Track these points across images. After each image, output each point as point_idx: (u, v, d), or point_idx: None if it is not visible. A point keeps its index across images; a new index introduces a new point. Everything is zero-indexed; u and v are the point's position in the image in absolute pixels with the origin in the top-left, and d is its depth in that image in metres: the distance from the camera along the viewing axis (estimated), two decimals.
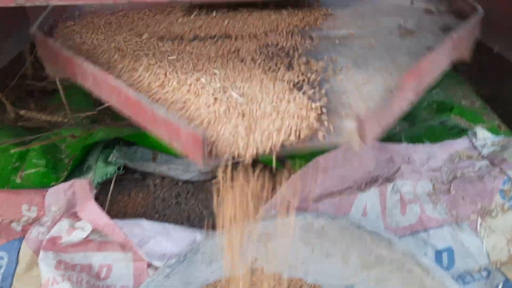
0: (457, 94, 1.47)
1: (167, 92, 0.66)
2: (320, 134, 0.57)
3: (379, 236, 0.86)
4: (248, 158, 0.55)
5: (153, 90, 0.68)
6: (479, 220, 1.01)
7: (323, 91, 0.66)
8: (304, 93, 0.65)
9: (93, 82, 0.71)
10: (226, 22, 0.92)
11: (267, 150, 0.55)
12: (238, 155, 0.55)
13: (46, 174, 1.21)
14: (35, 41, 0.82)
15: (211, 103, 0.62)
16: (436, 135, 1.28)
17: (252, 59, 0.76)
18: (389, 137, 1.43)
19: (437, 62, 0.71)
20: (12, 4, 0.63)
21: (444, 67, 0.74)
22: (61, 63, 0.76)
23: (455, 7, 0.93)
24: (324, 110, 0.61)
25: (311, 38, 0.85)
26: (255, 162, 0.59)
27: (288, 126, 0.57)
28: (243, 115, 0.59)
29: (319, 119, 0.59)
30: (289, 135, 0.56)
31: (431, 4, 0.98)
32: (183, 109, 0.63)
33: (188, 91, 0.66)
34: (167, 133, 0.59)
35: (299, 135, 0.56)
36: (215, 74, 0.70)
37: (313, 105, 0.61)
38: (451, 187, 1.07)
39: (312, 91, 0.66)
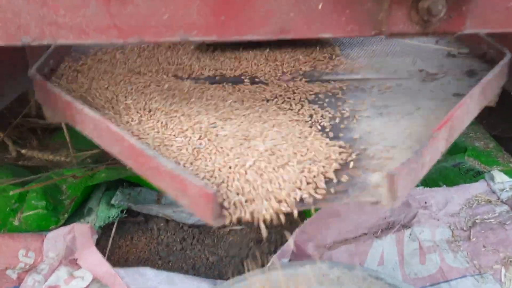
0: (469, 135, 1.44)
1: (177, 140, 0.63)
2: (343, 191, 0.52)
3: None
4: (265, 218, 0.50)
5: (160, 137, 0.64)
6: (503, 271, 0.95)
7: (345, 141, 0.62)
8: (328, 144, 0.61)
9: (93, 128, 0.67)
10: (239, 62, 0.90)
11: (286, 209, 0.50)
12: (253, 217, 0.51)
13: (46, 216, 1.16)
14: (33, 84, 0.78)
15: (228, 155, 0.58)
16: (451, 178, 1.24)
17: (269, 104, 0.73)
18: None
19: (468, 109, 0.66)
20: (19, 44, 0.60)
21: (475, 114, 0.69)
22: (60, 107, 0.73)
23: (479, 50, 0.90)
24: (350, 162, 0.57)
25: (327, 82, 0.82)
26: None
27: (311, 178, 0.53)
28: (262, 172, 0.55)
29: (344, 172, 0.55)
30: (313, 189, 0.52)
31: (452, 46, 0.95)
32: (195, 162, 0.59)
33: (200, 137, 0.62)
34: (173, 188, 0.55)
35: (321, 190, 0.52)
36: (231, 120, 0.67)
37: (338, 157, 0.57)
38: (471, 234, 1.02)
39: (335, 140, 0.62)
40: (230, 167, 0.56)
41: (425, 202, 1.07)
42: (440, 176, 1.27)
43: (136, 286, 0.87)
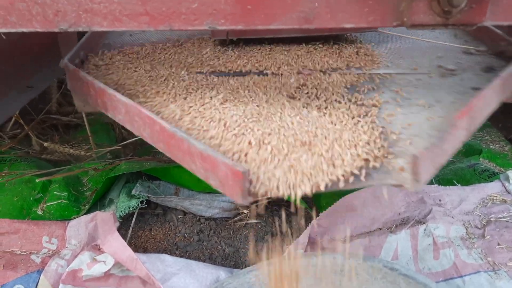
0: (485, 138, 1.45)
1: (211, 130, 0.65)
2: (368, 174, 0.55)
3: (414, 279, 0.82)
4: (297, 196, 0.53)
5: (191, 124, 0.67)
6: None
7: (374, 128, 0.65)
8: (356, 131, 0.63)
9: (125, 113, 0.70)
10: (266, 57, 0.91)
11: (314, 189, 0.53)
12: (283, 194, 0.53)
13: (68, 207, 1.20)
14: (66, 74, 0.81)
15: (260, 139, 0.60)
16: (466, 178, 1.25)
17: (296, 96, 0.75)
18: None
19: (488, 102, 0.68)
20: (56, 29, 0.64)
21: (494, 107, 0.71)
22: (92, 95, 0.76)
23: (497, 48, 0.92)
24: (381, 147, 0.59)
25: (350, 75, 0.84)
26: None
27: (343, 163, 0.55)
28: (292, 152, 0.58)
29: (375, 157, 0.57)
30: (344, 173, 0.54)
31: (470, 44, 0.97)
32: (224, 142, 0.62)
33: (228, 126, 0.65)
34: (203, 168, 0.57)
35: (352, 173, 0.54)
36: (260, 108, 0.70)
37: (370, 144, 0.59)
38: (486, 232, 1.02)
39: (363, 128, 0.64)
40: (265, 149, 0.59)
41: (440, 200, 1.08)
42: (455, 177, 1.28)
43: (156, 271, 0.89)
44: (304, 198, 0.96)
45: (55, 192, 1.22)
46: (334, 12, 0.60)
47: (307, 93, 0.76)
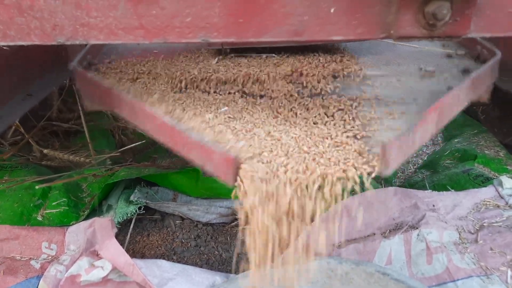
0: (480, 143, 1.46)
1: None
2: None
3: (406, 284, 0.83)
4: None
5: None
6: (510, 273, 0.97)
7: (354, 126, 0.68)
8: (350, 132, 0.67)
9: (130, 111, 0.75)
10: (256, 67, 0.94)
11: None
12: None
13: (67, 213, 1.21)
14: (74, 75, 0.86)
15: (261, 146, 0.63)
16: (460, 183, 1.26)
17: (288, 101, 0.78)
18: (413, 184, 1.41)
19: (457, 100, 0.73)
20: (54, 43, 0.66)
21: (463, 105, 0.76)
22: (99, 94, 0.80)
23: (475, 51, 0.96)
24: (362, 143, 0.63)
25: (337, 78, 0.88)
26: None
27: (332, 164, 0.58)
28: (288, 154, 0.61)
29: (359, 153, 0.61)
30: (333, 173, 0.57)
31: (451, 48, 1.01)
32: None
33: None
34: (199, 156, 0.61)
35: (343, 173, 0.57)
36: (254, 116, 0.73)
37: (353, 142, 0.62)
38: (479, 237, 1.04)
39: (345, 127, 0.68)
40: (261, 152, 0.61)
41: (433, 205, 1.09)
42: (450, 182, 1.29)
43: (153, 277, 0.91)
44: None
45: (54, 198, 1.24)
46: (323, 24, 0.62)
47: (295, 99, 0.79)
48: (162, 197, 1.24)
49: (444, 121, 0.70)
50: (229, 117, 0.73)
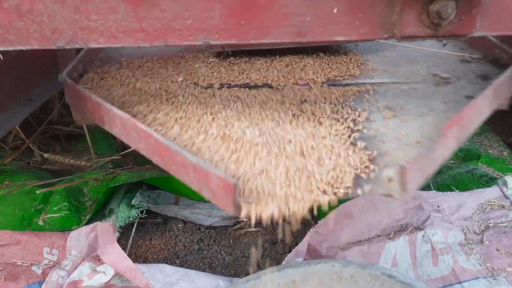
0: (483, 143, 1.45)
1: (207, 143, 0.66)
2: (360, 185, 0.55)
3: (411, 287, 0.82)
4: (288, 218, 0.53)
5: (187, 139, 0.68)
6: None
7: (362, 140, 0.65)
8: (350, 144, 0.64)
9: (121, 127, 0.71)
10: (260, 70, 0.92)
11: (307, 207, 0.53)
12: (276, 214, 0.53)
13: (68, 217, 1.21)
14: (64, 87, 0.83)
15: (260, 154, 0.61)
16: (465, 183, 1.25)
17: (290, 108, 0.75)
18: None
19: (479, 110, 0.69)
20: (53, 47, 0.65)
21: (486, 115, 0.71)
22: (90, 108, 0.77)
23: (492, 56, 0.92)
24: (368, 159, 0.60)
25: (346, 86, 0.84)
26: None
27: (332, 178, 0.56)
28: (288, 168, 0.58)
29: (363, 169, 0.58)
30: (333, 187, 0.55)
31: (465, 52, 0.98)
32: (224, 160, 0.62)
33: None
34: (197, 180, 0.58)
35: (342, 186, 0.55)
36: (254, 122, 0.70)
37: (356, 157, 0.60)
38: (484, 238, 1.03)
39: (353, 140, 0.65)
40: (253, 167, 0.59)
41: (438, 206, 1.08)
42: (454, 182, 1.28)
43: (156, 281, 0.90)
44: None
45: (56, 203, 1.23)
46: (325, 25, 0.61)
47: (299, 105, 0.76)
48: (164, 201, 1.23)
49: (465, 135, 0.66)
50: (224, 133, 0.71)
